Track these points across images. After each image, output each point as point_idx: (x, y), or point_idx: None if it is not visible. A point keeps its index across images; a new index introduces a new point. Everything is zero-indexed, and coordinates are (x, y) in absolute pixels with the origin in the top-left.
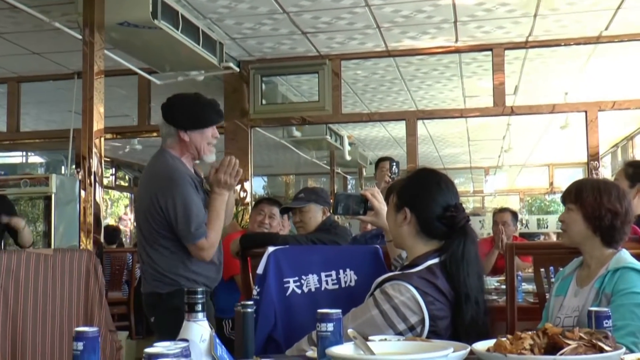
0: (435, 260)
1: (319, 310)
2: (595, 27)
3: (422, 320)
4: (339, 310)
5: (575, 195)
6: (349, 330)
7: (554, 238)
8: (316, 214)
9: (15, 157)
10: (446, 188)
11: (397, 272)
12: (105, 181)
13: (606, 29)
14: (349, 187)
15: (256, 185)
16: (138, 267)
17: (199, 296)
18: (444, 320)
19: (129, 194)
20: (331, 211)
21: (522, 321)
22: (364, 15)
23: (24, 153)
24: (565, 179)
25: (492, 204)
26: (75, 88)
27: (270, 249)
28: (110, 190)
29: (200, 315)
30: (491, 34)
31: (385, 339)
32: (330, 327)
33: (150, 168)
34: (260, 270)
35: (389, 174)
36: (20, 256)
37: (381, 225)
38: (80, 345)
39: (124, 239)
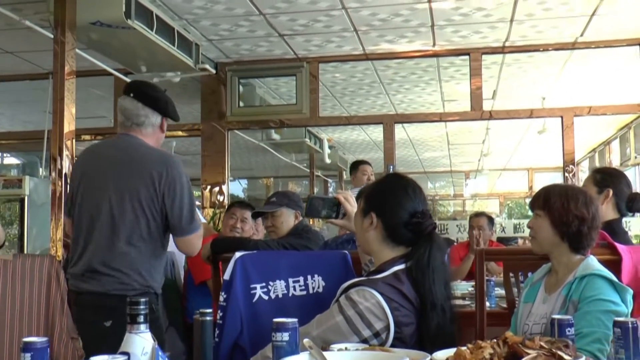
0: (402, 267)
1: (275, 320)
2: (571, 33)
3: (387, 327)
4: (295, 320)
5: (544, 201)
6: (305, 340)
7: None
8: (288, 218)
9: None
10: (413, 194)
11: (362, 278)
12: None
13: (582, 35)
14: (330, 189)
15: (236, 188)
16: None
17: (142, 307)
18: (410, 326)
19: None
20: (303, 215)
21: (493, 327)
22: (340, 18)
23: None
24: (545, 183)
25: (473, 207)
26: (50, 88)
27: (237, 254)
28: None
29: (143, 327)
30: (468, 39)
31: (345, 348)
32: (285, 336)
33: (145, 150)
34: (227, 276)
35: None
36: None
37: (353, 229)
38: (27, 357)
39: None
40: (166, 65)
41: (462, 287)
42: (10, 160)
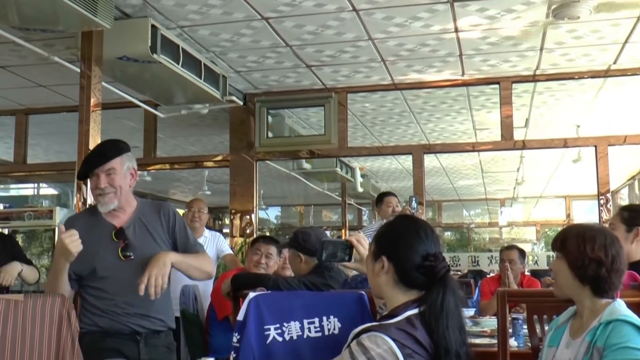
0: (415, 311)
1: None
2: (604, 60)
3: None
4: None
5: (561, 242)
6: None
7: None
8: (293, 259)
9: (27, 189)
10: (425, 236)
11: (374, 323)
12: None
13: (615, 62)
14: (364, 217)
15: (270, 216)
16: None
17: None
18: None
19: None
20: (318, 258)
21: None
22: (367, 48)
23: (35, 185)
24: (583, 211)
25: (509, 235)
26: None
27: (251, 294)
28: None
29: None
30: (498, 67)
31: None
32: None
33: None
34: (240, 316)
35: (409, 209)
36: None
37: (366, 272)
38: None
39: None
40: (194, 97)
41: (491, 324)
42: (46, 190)
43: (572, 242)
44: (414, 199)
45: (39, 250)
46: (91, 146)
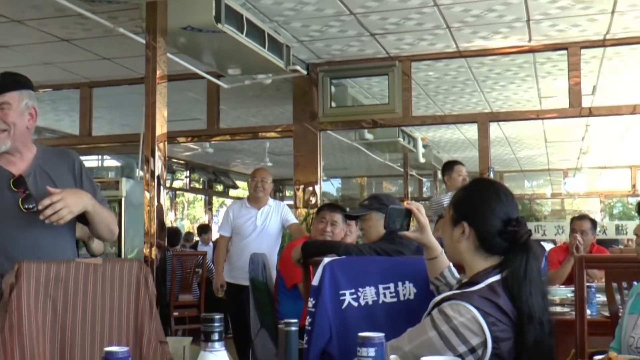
0: (497, 277)
1: (360, 334)
2: None
3: (484, 342)
4: (382, 335)
5: None
6: (392, 357)
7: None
8: (377, 223)
9: (91, 161)
10: (506, 200)
11: (455, 291)
12: (179, 184)
13: None
14: (424, 189)
15: (330, 188)
16: (208, 269)
17: (216, 324)
18: (507, 342)
19: (203, 196)
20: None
21: (594, 336)
22: (432, 15)
23: (100, 157)
24: None
25: (571, 206)
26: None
27: (326, 259)
28: (185, 193)
29: (217, 344)
30: (566, 33)
31: None
32: (371, 352)
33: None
34: (315, 281)
35: None
36: (69, 266)
37: (425, 242)
38: None
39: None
40: (257, 67)
41: (561, 293)
42: (109, 162)
43: None
44: (491, 169)
45: None
46: (158, 118)
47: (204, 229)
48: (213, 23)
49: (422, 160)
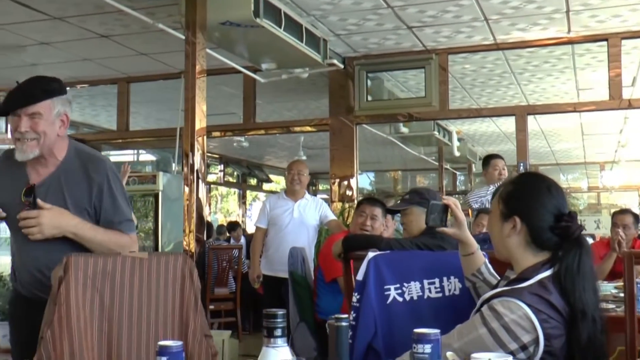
0: (547, 273)
1: (416, 330)
2: None
3: (536, 340)
4: (437, 331)
5: None
6: (448, 354)
7: None
8: (418, 217)
9: (127, 156)
10: (557, 194)
11: (505, 288)
12: (214, 177)
13: None
14: (457, 182)
15: (364, 182)
16: (244, 263)
17: (279, 320)
18: (560, 339)
19: (237, 190)
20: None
21: None
22: (471, 7)
23: (135, 151)
24: None
25: (608, 200)
26: (182, 87)
27: (370, 254)
28: (219, 186)
29: (280, 340)
30: (606, 23)
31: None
32: (427, 348)
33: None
34: (360, 276)
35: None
36: (116, 259)
37: (462, 238)
38: None
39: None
40: (294, 61)
41: (605, 289)
42: (145, 157)
43: None
44: (521, 165)
45: (138, 215)
46: (197, 113)
47: (233, 227)
48: (252, 18)
49: (457, 153)
